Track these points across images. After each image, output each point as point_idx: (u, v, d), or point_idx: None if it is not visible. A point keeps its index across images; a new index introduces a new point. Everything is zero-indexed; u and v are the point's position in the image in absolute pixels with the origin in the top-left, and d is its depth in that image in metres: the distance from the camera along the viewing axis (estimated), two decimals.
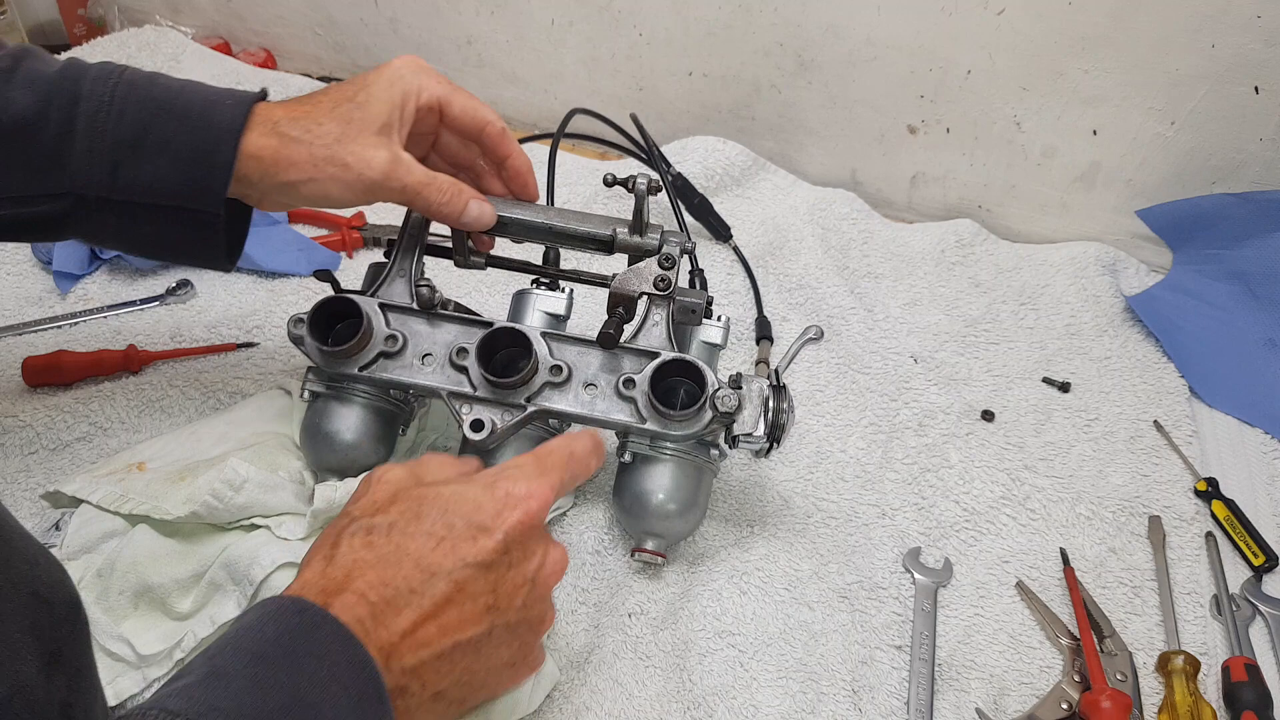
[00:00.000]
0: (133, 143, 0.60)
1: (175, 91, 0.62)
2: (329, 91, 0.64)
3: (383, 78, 0.64)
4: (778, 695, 0.66)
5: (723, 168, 1.13)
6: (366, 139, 0.62)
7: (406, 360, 0.68)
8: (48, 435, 0.78)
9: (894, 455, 0.84)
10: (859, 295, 0.99)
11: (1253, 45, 0.91)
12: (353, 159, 0.62)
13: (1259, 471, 0.85)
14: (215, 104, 0.62)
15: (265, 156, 0.61)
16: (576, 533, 0.75)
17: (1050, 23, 0.97)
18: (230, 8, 1.40)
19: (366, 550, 0.46)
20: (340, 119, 0.62)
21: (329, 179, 0.62)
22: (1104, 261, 1.04)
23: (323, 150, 0.61)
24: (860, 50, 1.07)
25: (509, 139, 0.69)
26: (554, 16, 1.20)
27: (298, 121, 0.62)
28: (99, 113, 0.60)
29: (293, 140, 0.61)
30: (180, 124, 0.61)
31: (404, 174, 0.63)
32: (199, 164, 0.60)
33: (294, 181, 0.61)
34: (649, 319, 0.70)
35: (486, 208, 0.67)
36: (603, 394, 0.68)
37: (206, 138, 0.60)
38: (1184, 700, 0.65)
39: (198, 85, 0.64)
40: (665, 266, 0.69)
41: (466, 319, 0.70)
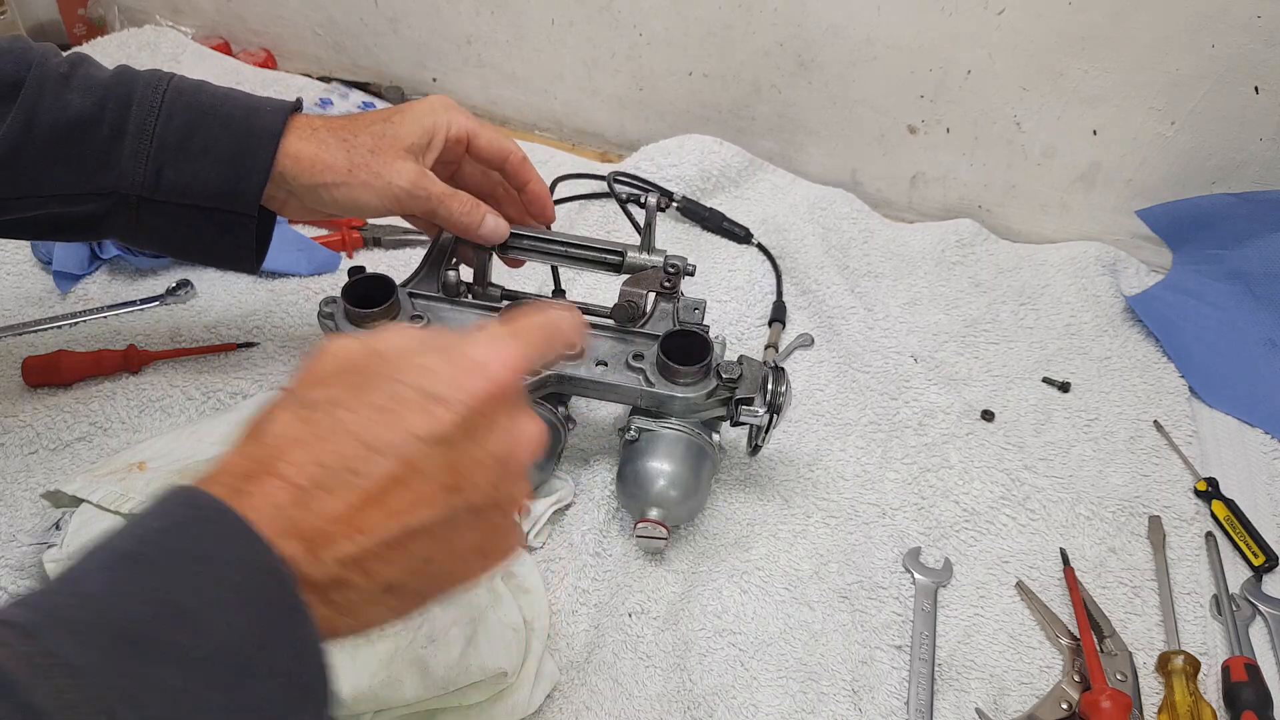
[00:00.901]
0: (178, 145, 0.64)
1: (220, 98, 0.67)
2: (364, 114, 0.70)
3: (416, 109, 0.70)
4: (778, 695, 0.66)
5: (719, 169, 1.13)
6: (397, 153, 0.67)
7: None
8: (48, 435, 0.78)
9: (894, 455, 0.84)
10: (859, 294, 0.99)
11: (1253, 45, 0.91)
12: (384, 169, 0.67)
13: (1259, 471, 0.85)
14: (256, 110, 0.66)
15: (304, 158, 0.65)
16: (578, 533, 0.75)
17: (1050, 23, 0.97)
18: (230, 8, 1.40)
19: (299, 427, 0.39)
20: (375, 135, 0.67)
21: (361, 185, 0.66)
22: (1104, 261, 1.04)
23: (358, 158, 0.66)
24: (860, 50, 1.07)
25: (529, 167, 0.75)
26: (554, 16, 1.20)
27: (335, 131, 0.67)
28: (148, 116, 0.64)
29: (330, 146, 0.66)
30: (223, 128, 0.65)
31: (429, 185, 0.68)
32: (238, 166, 0.65)
33: (328, 184, 0.66)
34: (657, 312, 0.76)
35: (502, 223, 0.73)
36: (614, 369, 0.73)
37: (247, 141, 0.64)
38: (1184, 700, 0.65)
39: (240, 93, 0.68)
40: (670, 273, 0.76)
41: (488, 305, 0.76)
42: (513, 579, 0.66)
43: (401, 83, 1.34)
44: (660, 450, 0.71)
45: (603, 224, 1.07)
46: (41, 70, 0.64)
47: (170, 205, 0.65)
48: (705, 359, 0.70)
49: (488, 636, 0.60)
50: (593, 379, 0.72)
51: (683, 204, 1.07)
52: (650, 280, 0.76)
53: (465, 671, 0.59)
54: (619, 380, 0.72)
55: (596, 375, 0.72)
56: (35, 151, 0.63)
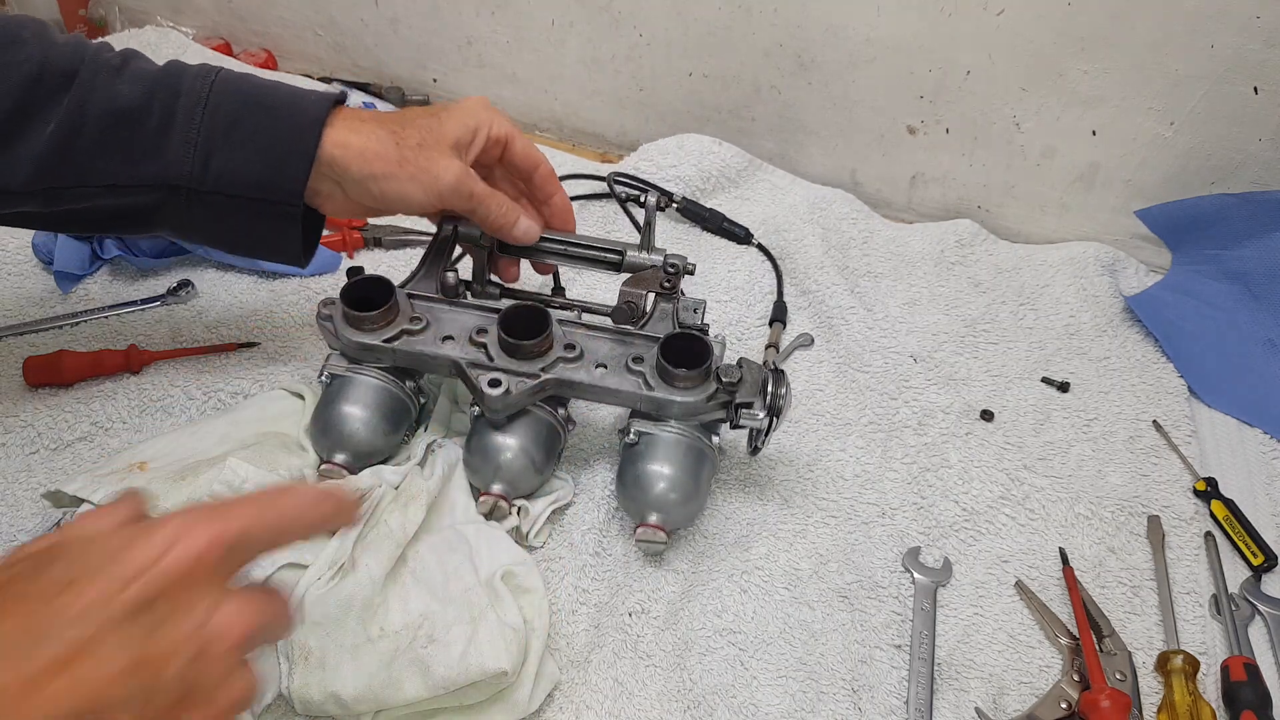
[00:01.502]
0: (224, 134, 0.65)
1: (265, 88, 0.67)
2: (408, 110, 0.71)
3: (460, 108, 0.71)
4: (778, 694, 0.66)
5: (719, 169, 1.13)
6: (443, 150, 0.68)
7: (428, 339, 0.73)
8: (49, 435, 0.79)
9: (893, 454, 0.84)
10: (859, 295, 1.00)
11: (1252, 45, 0.91)
12: (431, 164, 0.68)
13: (1258, 471, 0.85)
14: (301, 99, 0.67)
15: (353, 147, 0.66)
16: (578, 533, 0.75)
17: (1050, 23, 0.98)
18: (231, 8, 1.40)
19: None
20: (421, 130, 0.68)
21: (409, 179, 0.67)
22: (1103, 262, 1.04)
23: (408, 152, 0.67)
24: (860, 51, 1.07)
25: (555, 180, 0.78)
26: (554, 17, 1.20)
27: (383, 124, 0.68)
28: (196, 106, 0.65)
29: (379, 138, 0.67)
30: (267, 116, 0.65)
31: (473, 183, 0.70)
32: (283, 154, 0.65)
33: (376, 175, 0.66)
34: (656, 312, 0.76)
35: (534, 225, 0.76)
36: (613, 371, 0.72)
37: (291, 129, 0.65)
38: (1183, 700, 0.65)
39: (286, 84, 0.69)
40: (669, 272, 0.76)
41: (487, 306, 0.76)
42: (513, 578, 0.66)
43: (402, 83, 1.34)
44: (659, 454, 0.71)
45: (603, 224, 1.07)
46: (95, 62, 0.64)
47: (219, 196, 0.66)
48: (705, 363, 0.70)
49: (488, 636, 0.60)
50: (592, 383, 0.72)
51: (683, 204, 1.07)
52: (650, 280, 0.76)
53: (465, 672, 0.59)
54: (618, 384, 0.71)
55: (596, 379, 0.72)
56: (87, 141, 0.63)
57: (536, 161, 0.76)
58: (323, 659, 0.60)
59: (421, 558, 0.67)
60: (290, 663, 0.60)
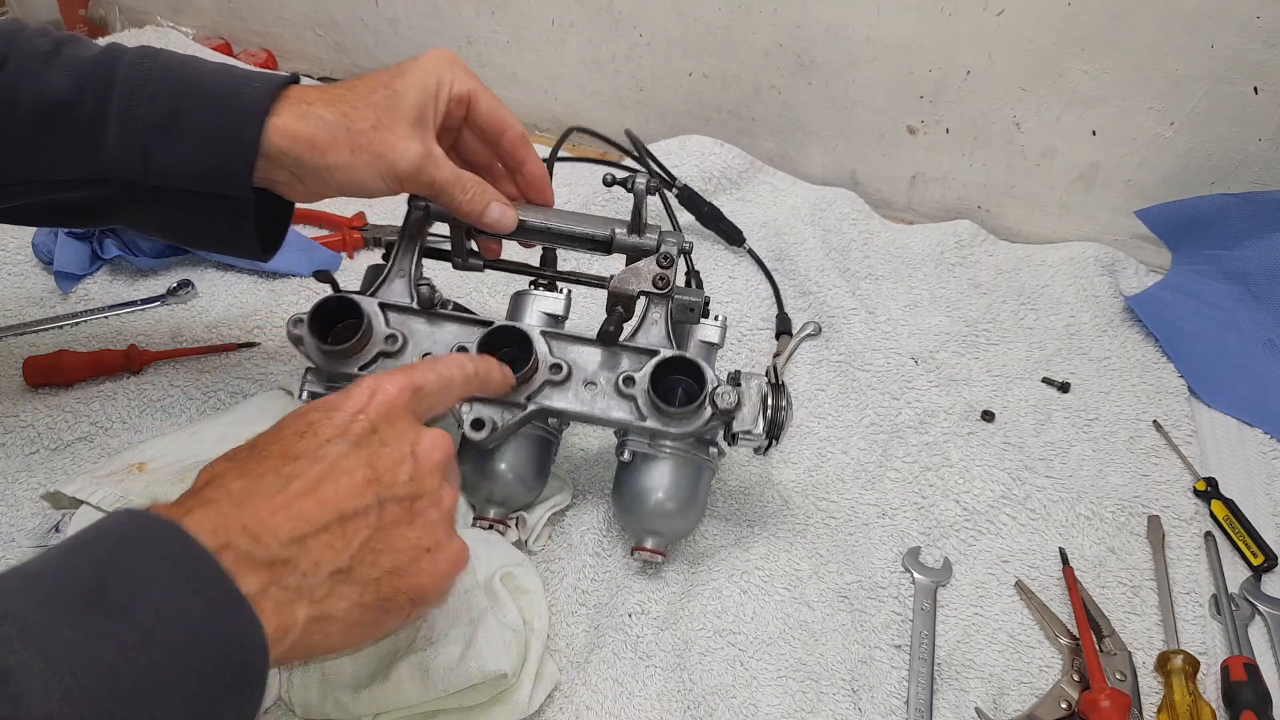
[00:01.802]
0: (163, 125, 0.60)
1: (206, 74, 0.62)
2: (364, 79, 0.64)
3: (419, 67, 0.65)
4: (778, 694, 0.66)
5: (720, 171, 1.13)
6: (402, 129, 0.62)
7: (406, 359, 0.69)
8: (49, 435, 0.79)
9: (894, 455, 0.84)
10: (860, 297, 1.00)
11: (1252, 45, 0.91)
12: (386, 149, 0.62)
13: (1258, 471, 0.85)
14: (245, 85, 0.61)
15: (301, 137, 0.61)
16: (577, 534, 0.75)
17: (1050, 23, 0.98)
18: (231, 8, 1.40)
19: (226, 463, 0.45)
20: (377, 106, 0.62)
21: (364, 166, 0.62)
22: (1103, 262, 1.04)
23: (359, 137, 0.61)
24: (860, 51, 1.07)
25: (527, 146, 0.70)
26: (554, 17, 1.20)
27: (333, 105, 0.62)
28: (132, 96, 0.60)
29: (328, 124, 0.61)
30: (208, 105, 0.60)
31: (433, 169, 0.64)
32: (225, 145, 0.60)
33: (329, 165, 0.61)
34: (648, 317, 0.71)
35: (509, 211, 0.68)
36: (603, 392, 0.68)
37: (232, 118, 0.60)
38: (1183, 700, 0.65)
39: (231, 68, 0.63)
40: (663, 265, 0.70)
41: (466, 318, 0.70)
42: (512, 579, 0.66)
43: None
44: (655, 475, 0.68)
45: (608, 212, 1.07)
46: (24, 50, 0.60)
47: (166, 190, 0.61)
48: (698, 398, 0.66)
49: (487, 638, 0.60)
50: (581, 410, 0.68)
51: (683, 192, 1.03)
52: (641, 278, 0.70)
53: (465, 674, 0.59)
54: (608, 410, 0.68)
55: (585, 403, 0.68)
56: (20, 135, 0.60)
57: (503, 124, 0.69)
58: (322, 662, 0.60)
59: None
60: (290, 667, 0.60)
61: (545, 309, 0.73)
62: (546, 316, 0.73)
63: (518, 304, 0.74)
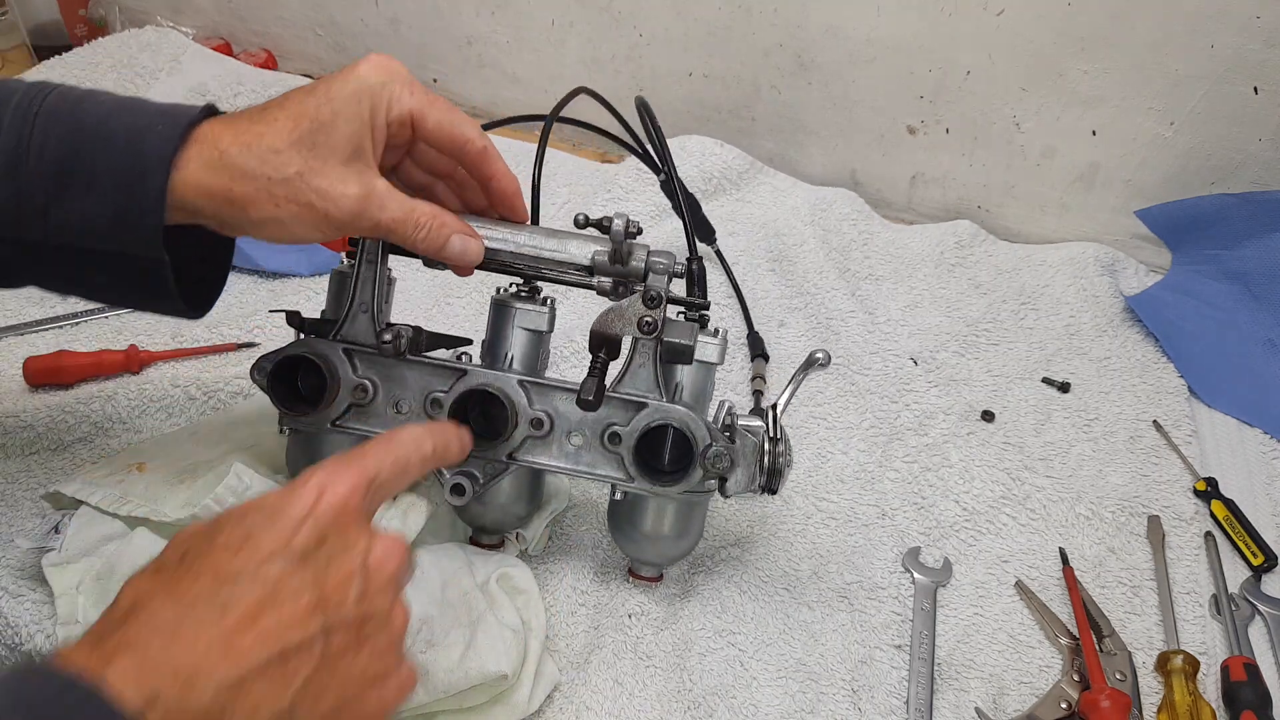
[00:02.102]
0: (58, 177, 0.51)
1: (103, 116, 0.53)
2: (286, 105, 0.54)
3: (348, 88, 0.54)
4: (777, 695, 0.66)
5: (720, 171, 1.13)
6: (333, 171, 0.53)
7: (379, 409, 0.64)
8: (49, 435, 0.79)
9: (894, 455, 0.84)
10: (860, 298, 1.00)
11: (1252, 45, 0.91)
12: (317, 197, 0.53)
13: (1258, 471, 0.85)
14: (147, 129, 0.52)
15: (215, 192, 0.52)
16: (576, 535, 0.75)
17: (1050, 23, 0.98)
18: (231, 8, 1.40)
19: (153, 582, 0.39)
20: (302, 146, 0.53)
21: (292, 218, 0.53)
22: (1103, 262, 1.04)
23: (282, 187, 0.52)
24: (860, 51, 1.07)
25: (491, 159, 0.61)
26: (554, 17, 1.20)
27: (250, 149, 0.52)
28: (19, 148, 0.51)
29: (244, 174, 0.52)
30: (106, 154, 0.52)
31: (376, 210, 0.55)
32: (126, 204, 0.51)
33: (253, 220, 0.53)
34: (635, 360, 0.63)
35: (472, 243, 0.60)
36: (588, 445, 0.64)
37: (134, 169, 0.51)
38: (1183, 700, 0.65)
39: (134, 106, 0.53)
40: (650, 305, 0.61)
41: (439, 363, 0.64)
42: (508, 580, 0.66)
43: None
44: (649, 512, 0.66)
45: None
46: None
47: (73, 250, 0.53)
48: (686, 466, 0.62)
49: (487, 639, 0.60)
50: (565, 466, 0.64)
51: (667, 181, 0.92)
52: (626, 319, 0.61)
53: (465, 675, 0.59)
54: (593, 467, 0.64)
55: (569, 461, 0.64)
56: None
57: (460, 139, 0.59)
58: None
59: (419, 563, 0.66)
60: None
61: (528, 325, 0.66)
62: (529, 333, 0.66)
63: (498, 318, 0.67)
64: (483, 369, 0.64)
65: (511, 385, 0.63)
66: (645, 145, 0.88)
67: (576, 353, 0.90)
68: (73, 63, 1.28)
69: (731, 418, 0.63)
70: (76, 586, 0.65)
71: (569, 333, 0.92)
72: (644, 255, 0.62)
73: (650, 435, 0.62)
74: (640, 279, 0.62)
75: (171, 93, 1.26)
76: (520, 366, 0.66)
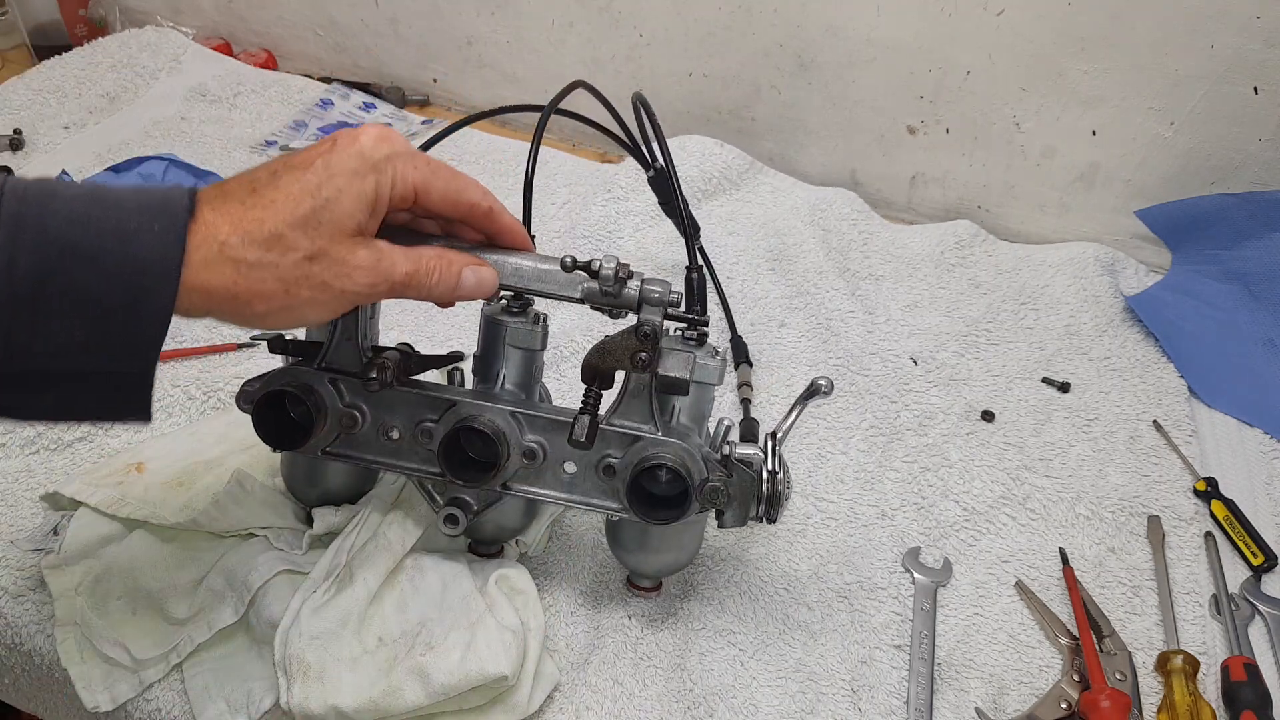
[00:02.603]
0: (30, 299, 0.44)
1: (79, 219, 0.45)
2: (280, 183, 0.50)
3: (348, 166, 0.51)
4: (777, 695, 0.66)
5: (720, 171, 1.13)
6: (342, 248, 0.51)
7: (369, 435, 0.62)
8: (49, 435, 0.79)
9: (894, 455, 0.84)
10: (859, 298, 1.00)
11: (1252, 45, 0.91)
12: (333, 277, 0.50)
13: (1258, 471, 0.85)
14: (137, 233, 0.46)
15: (217, 290, 0.48)
16: (575, 535, 0.75)
17: (1050, 23, 0.98)
18: (231, 8, 1.40)
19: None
20: (307, 226, 0.49)
21: (305, 303, 0.51)
22: (1103, 262, 1.04)
23: (294, 271, 0.49)
24: (860, 51, 1.07)
25: (497, 216, 0.58)
26: (554, 17, 1.20)
27: (252, 237, 0.48)
28: None
29: (249, 266, 0.48)
30: (92, 268, 0.45)
31: (389, 271, 0.53)
32: (123, 318, 0.46)
33: (259, 313, 0.50)
34: (629, 390, 0.61)
35: (485, 272, 0.57)
36: (582, 474, 0.63)
37: (131, 285, 0.45)
38: (1183, 700, 0.65)
39: (108, 200, 0.47)
40: (643, 340, 0.58)
41: (428, 394, 0.62)
42: (507, 581, 0.66)
43: (402, 83, 1.34)
44: (647, 531, 0.65)
45: (604, 225, 1.07)
46: None
47: (29, 374, 0.46)
48: (683, 499, 0.60)
49: (486, 640, 0.60)
50: (561, 496, 0.63)
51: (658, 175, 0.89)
52: (618, 355, 0.59)
53: (465, 677, 0.59)
54: (588, 497, 0.63)
55: (564, 490, 0.63)
56: None
57: (467, 205, 0.56)
58: (322, 672, 0.60)
59: (419, 566, 0.66)
60: (289, 677, 0.60)
61: (519, 343, 0.64)
62: (521, 352, 0.64)
63: (489, 334, 0.65)
64: (473, 399, 0.61)
65: (503, 417, 0.61)
66: (637, 140, 0.86)
67: (576, 353, 0.90)
68: (73, 63, 1.28)
69: (730, 446, 0.62)
70: (75, 589, 0.65)
71: (569, 332, 0.92)
72: (637, 285, 0.58)
73: (645, 473, 0.60)
74: (634, 308, 0.59)
75: (171, 92, 1.26)
76: (514, 384, 0.64)
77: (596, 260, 0.57)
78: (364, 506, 0.68)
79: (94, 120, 1.21)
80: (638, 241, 1.03)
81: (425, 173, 0.54)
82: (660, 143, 0.73)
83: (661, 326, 0.58)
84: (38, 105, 1.21)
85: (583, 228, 1.05)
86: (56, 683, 0.66)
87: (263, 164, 0.52)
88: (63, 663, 0.63)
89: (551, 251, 1.04)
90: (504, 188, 1.10)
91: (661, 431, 0.61)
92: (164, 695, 0.63)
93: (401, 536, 0.66)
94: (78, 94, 1.24)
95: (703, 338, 0.62)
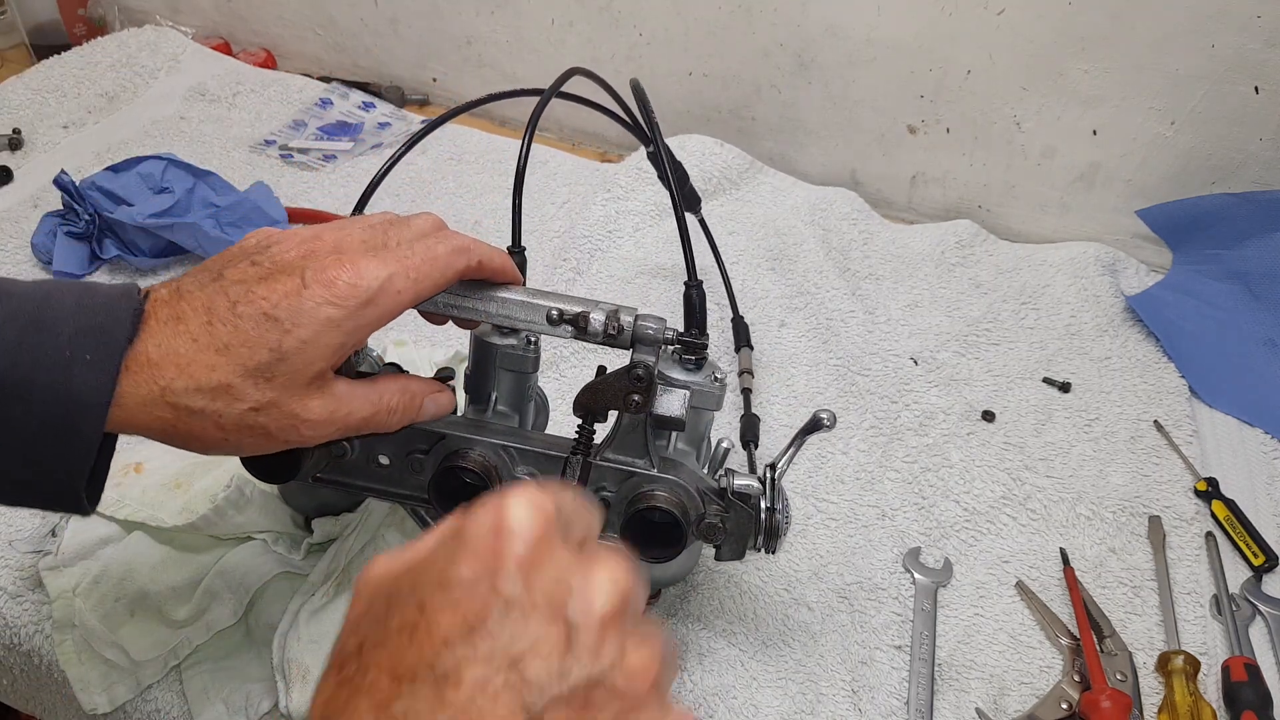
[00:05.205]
0: None
1: (12, 349, 0.43)
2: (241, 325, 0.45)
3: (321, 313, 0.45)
4: (777, 695, 0.66)
5: (720, 170, 1.13)
6: (293, 398, 0.46)
7: (359, 462, 0.60)
8: None
9: (894, 455, 0.84)
10: (860, 297, 0.99)
11: (1253, 45, 0.91)
12: (277, 427, 0.47)
13: (1259, 471, 0.85)
14: (70, 363, 0.43)
15: (154, 428, 0.45)
16: None
17: (1050, 23, 0.98)
18: (231, 8, 1.40)
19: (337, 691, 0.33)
20: (259, 378, 0.45)
21: (246, 446, 0.48)
22: (1104, 261, 1.04)
23: (236, 420, 0.45)
24: (860, 50, 1.07)
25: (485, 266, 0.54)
26: (554, 16, 1.20)
27: (199, 387, 0.45)
28: None
29: (194, 413, 0.45)
30: (21, 405, 0.43)
31: (344, 419, 0.49)
32: (54, 450, 0.44)
33: (197, 449, 0.47)
34: (623, 426, 0.58)
35: (443, 398, 0.56)
36: None
37: (61, 416, 0.43)
38: (1184, 700, 0.65)
39: (45, 323, 0.44)
40: (637, 382, 0.55)
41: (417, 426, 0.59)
42: None
43: (402, 83, 1.34)
44: None
45: (604, 224, 1.06)
46: None
47: None
48: (675, 548, 0.58)
49: None
50: None
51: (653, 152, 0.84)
52: (611, 396, 0.56)
53: None
54: None
55: None
56: None
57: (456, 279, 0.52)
58: None
59: None
60: (288, 681, 0.60)
61: (511, 366, 0.61)
62: (513, 375, 0.62)
63: (480, 354, 0.62)
64: (462, 430, 0.58)
65: (494, 451, 0.58)
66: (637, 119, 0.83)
67: (576, 353, 0.90)
68: (72, 62, 1.28)
69: (728, 476, 0.60)
70: (73, 590, 0.65)
71: None
72: (631, 321, 0.55)
73: (637, 532, 0.58)
74: (627, 345, 0.55)
75: (170, 92, 1.26)
76: (506, 406, 0.62)
77: (583, 315, 0.54)
78: (362, 510, 0.68)
79: (93, 120, 1.21)
80: (637, 241, 1.03)
81: (414, 290, 0.48)
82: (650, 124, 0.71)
83: (655, 368, 0.56)
84: (37, 105, 1.21)
85: (582, 227, 1.05)
86: (55, 684, 0.66)
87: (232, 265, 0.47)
88: (61, 664, 0.63)
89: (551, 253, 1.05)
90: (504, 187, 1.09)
91: (657, 466, 0.58)
92: (162, 697, 0.63)
93: (400, 540, 0.66)
94: (77, 93, 1.24)
95: (701, 361, 0.59)
